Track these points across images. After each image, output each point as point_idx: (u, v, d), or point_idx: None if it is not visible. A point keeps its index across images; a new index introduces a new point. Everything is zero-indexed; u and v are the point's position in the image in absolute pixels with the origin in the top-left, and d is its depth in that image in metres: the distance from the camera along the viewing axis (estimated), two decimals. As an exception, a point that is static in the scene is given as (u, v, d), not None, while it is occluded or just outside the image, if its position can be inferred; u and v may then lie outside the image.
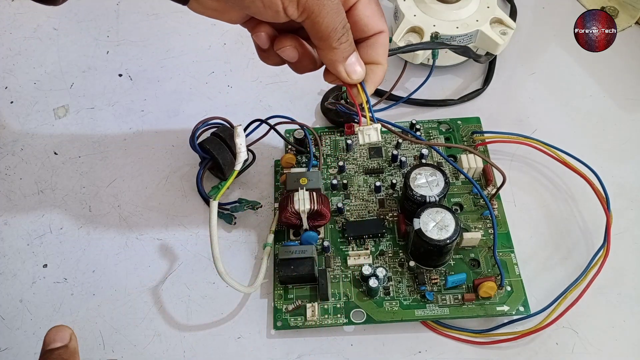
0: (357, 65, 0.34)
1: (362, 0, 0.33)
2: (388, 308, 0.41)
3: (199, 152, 0.47)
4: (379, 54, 0.34)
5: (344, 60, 0.33)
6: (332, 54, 0.32)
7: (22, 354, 0.42)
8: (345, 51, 0.33)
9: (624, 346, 0.41)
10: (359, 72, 0.34)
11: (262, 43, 0.34)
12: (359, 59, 0.34)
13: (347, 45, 0.32)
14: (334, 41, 0.32)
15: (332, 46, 0.32)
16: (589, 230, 0.46)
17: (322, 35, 0.31)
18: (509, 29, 0.51)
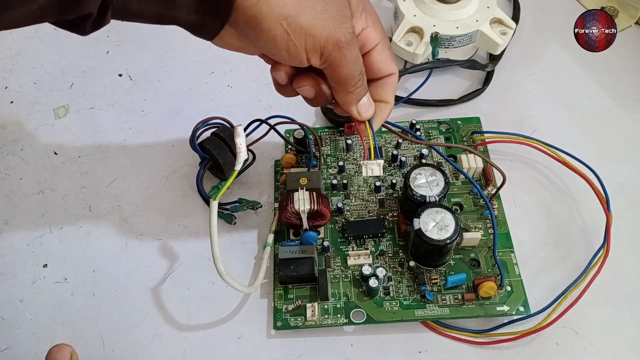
0: (368, 106, 0.36)
1: (377, 47, 0.36)
2: (388, 308, 0.41)
3: (199, 152, 0.47)
4: (387, 93, 0.37)
5: (357, 101, 0.36)
6: (347, 96, 0.35)
7: (22, 354, 0.42)
8: (359, 94, 0.35)
9: (624, 346, 0.41)
10: (369, 112, 0.37)
11: (281, 80, 0.36)
12: (370, 99, 0.36)
13: (362, 90, 0.35)
14: (350, 86, 0.34)
15: (348, 90, 0.35)
16: (589, 230, 0.46)
17: (340, 81, 0.34)
18: (508, 29, 0.51)
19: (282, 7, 0.30)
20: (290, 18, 0.30)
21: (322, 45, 0.31)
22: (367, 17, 0.35)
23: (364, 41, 0.35)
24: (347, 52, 0.32)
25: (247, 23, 0.30)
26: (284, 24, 0.30)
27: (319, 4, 0.31)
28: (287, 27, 0.30)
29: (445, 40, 0.51)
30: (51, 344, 0.42)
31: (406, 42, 0.52)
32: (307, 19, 0.30)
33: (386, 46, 0.36)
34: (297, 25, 0.30)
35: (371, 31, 0.35)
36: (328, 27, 0.31)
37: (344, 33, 0.32)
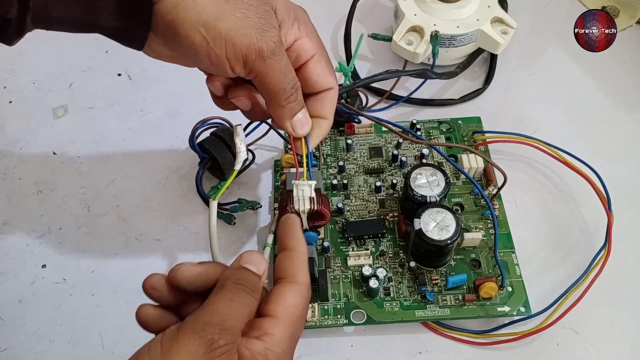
0: (303, 122, 0.35)
1: (313, 59, 0.35)
2: (388, 309, 0.41)
3: (199, 152, 0.47)
4: (325, 108, 0.36)
5: (291, 117, 0.34)
6: (280, 111, 0.34)
7: (22, 354, 0.42)
8: (292, 109, 0.34)
9: (624, 347, 0.41)
10: (305, 129, 0.36)
11: (216, 91, 0.36)
12: (306, 115, 0.35)
13: (295, 104, 0.34)
14: (281, 100, 0.33)
15: (279, 104, 0.33)
16: (590, 230, 0.46)
17: (270, 94, 0.33)
18: (509, 28, 0.51)
19: (199, 13, 0.29)
20: (208, 24, 0.29)
21: (243, 53, 0.30)
22: (301, 27, 0.34)
23: (298, 52, 0.34)
24: (272, 63, 0.31)
25: (167, 29, 0.30)
26: (202, 30, 0.29)
27: (239, 10, 0.30)
28: (205, 34, 0.29)
29: (446, 39, 0.51)
30: (51, 344, 0.42)
31: (407, 42, 0.52)
32: (227, 25, 0.29)
33: (323, 58, 0.35)
34: (215, 31, 0.29)
35: (305, 42, 0.34)
36: (249, 35, 0.30)
37: (267, 42, 0.30)
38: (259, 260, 0.29)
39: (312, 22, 0.38)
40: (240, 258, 0.29)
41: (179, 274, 0.29)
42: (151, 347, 0.27)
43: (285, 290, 0.29)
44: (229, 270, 0.29)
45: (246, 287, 0.28)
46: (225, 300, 0.27)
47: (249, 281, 0.28)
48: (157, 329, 0.30)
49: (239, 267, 0.28)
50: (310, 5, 0.61)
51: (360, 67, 0.56)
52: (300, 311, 0.29)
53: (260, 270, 0.29)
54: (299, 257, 0.30)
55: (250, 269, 0.28)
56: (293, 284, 0.29)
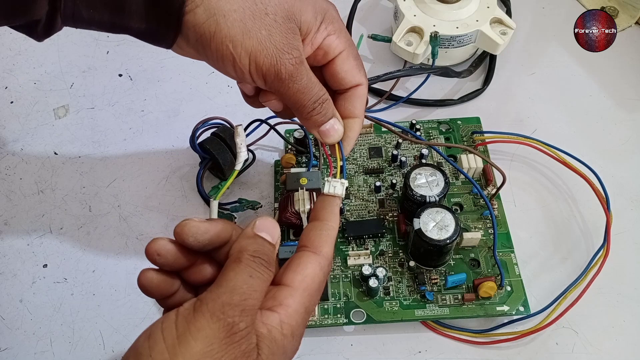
0: (331, 132, 0.35)
1: (342, 55, 0.34)
2: (388, 308, 0.41)
3: (199, 152, 0.47)
4: (355, 107, 0.36)
5: (317, 127, 0.34)
6: (304, 122, 0.34)
7: (22, 354, 0.42)
8: (317, 121, 0.34)
9: (624, 346, 0.41)
10: (334, 137, 0.35)
11: (247, 91, 0.36)
12: (335, 124, 0.35)
13: (320, 117, 0.34)
14: (303, 114, 0.33)
15: (302, 117, 0.34)
16: (589, 230, 0.46)
17: (292, 108, 0.34)
18: (509, 29, 0.51)
19: (229, 29, 0.30)
20: (236, 40, 0.30)
21: (264, 73, 0.31)
22: (329, 25, 0.34)
23: (326, 49, 0.34)
24: (290, 84, 0.32)
25: (198, 40, 0.31)
26: (230, 45, 0.30)
27: (265, 27, 0.31)
28: (232, 50, 0.31)
29: (445, 40, 0.51)
30: (51, 344, 0.42)
31: (406, 42, 0.52)
32: (252, 44, 0.30)
33: (352, 55, 0.35)
34: (242, 49, 0.30)
35: (333, 39, 0.34)
36: (270, 56, 0.31)
37: (286, 65, 0.31)
38: (273, 228, 0.28)
39: None
40: (254, 224, 0.28)
41: (187, 229, 0.28)
42: (165, 329, 0.25)
43: (307, 260, 0.28)
44: (244, 239, 0.27)
45: (264, 260, 0.27)
46: (244, 277, 0.26)
47: (266, 253, 0.27)
48: (160, 294, 0.29)
49: (254, 235, 0.27)
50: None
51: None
52: (318, 284, 0.28)
53: (274, 239, 0.28)
54: (329, 230, 0.30)
55: (266, 238, 0.28)
56: (315, 254, 0.29)
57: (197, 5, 0.30)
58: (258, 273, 0.26)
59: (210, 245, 0.28)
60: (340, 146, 0.35)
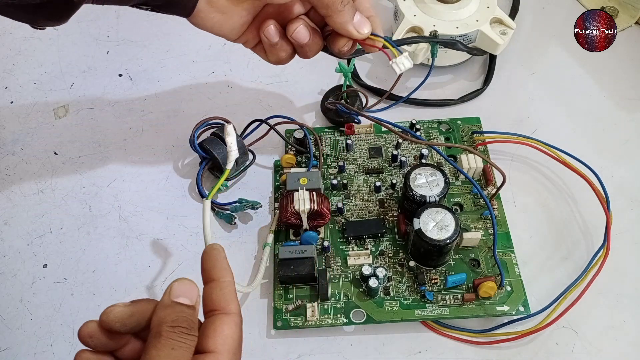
0: (363, 21, 0.37)
1: None
2: (388, 308, 0.41)
3: (199, 152, 0.47)
4: (366, 8, 0.39)
5: (351, 19, 0.37)
6: (340, 17, 0.36)
7: (22, 354, 0.42)
8: (350, 12, 0.36)
9: (623, 346, 0.41)
10: (367, 26, 0.38)
11: (271, 36, 0.37)
12: (362, 17, 0.37)
13: (350, 7, 0.36)
14: (338, 5, 0.35)
15: (338, 10, 0.36)
16: (589, 230, 0.46)
17: (327, 3, 0.35)
18: (509, 29, 0.51)
19: None
20: None
21: None
22: None
23: None
24: None
25: None
26: None
27: None
28: None
29: (445, 40, 0.51)
30: (51, 344, 0.42)
31: (406, 42, 0.52)
32: None
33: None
34: None
35: None
36: None
37: None
38: (190, 289, 0.28)
39: None
40: (170, 291, 0.28)
41: (112, 317, 0.28)
42: None
43: (221, 322, 0.28)
44: (161, 309, 0.27)
45: (184, 327, 0.27)
46: (167, 351, 0.26)
47: (186, 319, 0.27)
48: None
49: (171, 303, 0.28)
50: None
51: (361, 67, 0.56)
52: (237, 340, 0.29)
53: (193, 300, 0.28)
54: (227, 287, 0.30)
55: (184, 302, 0.28)
56: (227, 315, 0.29)
57: None
58: (180, 343, 0.26)
59: (138, 327, 0.28)
60: (375, 34, 0.38)
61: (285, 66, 0.41)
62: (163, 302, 0.28)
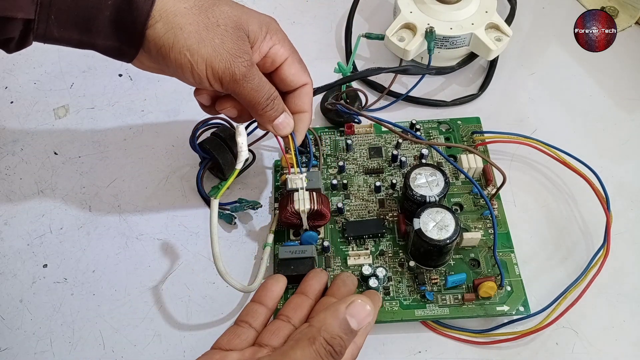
0: (284, 124, 0.40)
1: (287, 61, 0.39)
2: (388, 308, 0.41)
3: (199, 152, 0.47)
4: (304, 102, 0.41)
5: (270, 122, 0.39)
6: (259, 118, 0.39)
7: (22, 354, 0.42)
8: (271, 116, 0.39)
9: (624, 346, 0.41)
10: (286, 130, 0.40)
11: (204, 101, 0.41)
12: (286, 118, 0.40)
13: (272, 112, 0.39)
14: (258, 110, 0.38)
15: (258, 113, 0.38)
16: (589, 230, 0.46)
17: (248, 107, 0.38)
18: (504, 36, 0.51)
19: (185, 39, 0.34)
20: (193, 49, 0.34)
21: (220, 76, 0.35)
22: (273, 36, 0.38)
23: (273, 57, 0.39)
24: (244, 84, 0.36)
25: (158, 52, 0.34)
26: (187, 54, 0.34)
27: (217, 37, 0.35)
28: (190, 58, 0.34)
29: (438, 40, 0.51)
30: (51, 344, 0.42)
31: (399, 38, 0.51)
32: (208, 50, 0.34)
33: (296, 60, 0.40)
34: (198, 56, 0.34)
35: (278, 48, 0.38)
36: (225, 60, 0.35)
37: (239, 67, 0.35)
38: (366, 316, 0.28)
39: (313, 21, 0.41)
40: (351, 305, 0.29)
41: None
42: None
43: None
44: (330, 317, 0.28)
45: (335, 352, 0.27)
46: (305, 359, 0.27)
47: (341, 345, 0.28)
48: None
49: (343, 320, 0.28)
50: (312, 3, 0.61)
51: (360, 67, 0.56)
52: None
53: (361, 327, 0.28)
54: None
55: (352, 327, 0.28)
56: None
57: (157, 20, 0.33)
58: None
59: None
60: (292, 137, 0.41)
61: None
62: (337, 310, 0.28)
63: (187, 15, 0.34)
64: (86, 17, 0.33)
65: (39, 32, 0.33)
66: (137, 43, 0.34)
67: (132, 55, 0.35)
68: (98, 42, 0.34)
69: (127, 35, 0.34)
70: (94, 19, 0.33)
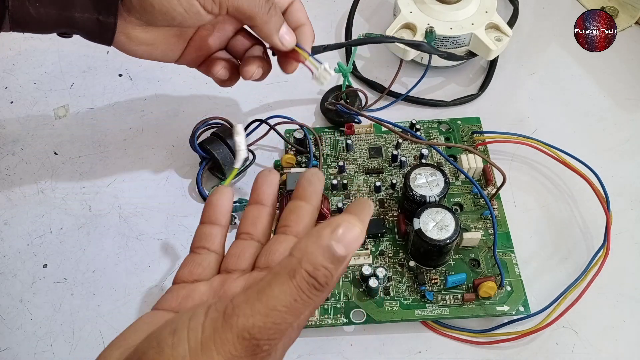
0: (289, 33, 0.39)
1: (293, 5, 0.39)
2: (388, 308, 0.41)
3: (199, 152, 0.47)
4: (300, 17, 0.40)
5: (277, 31, 0.38)
6: (266, 28, 0.37)
7: (22, 354, 0.42)
8: (276, 23, 0.38)
9: (624, 346, 0.41)
10: (292, 38, 0.39)
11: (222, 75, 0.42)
12: (288, 29, 0.39)
13: (276, 18, 0.37)
14: (263, 15, 0.36)
15: (264, 20, 0.37)
16: (589, 230, 0.46)
17: (251, 15, 0.36)
18: (504, 36, 0.51)
19: None
20: None
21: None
22: None
23: None
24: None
25: (140, 3, 0.34)
26: None
27: None
28: None
29: (438, 40, 0.51)
30: (51, 344, 0.42)
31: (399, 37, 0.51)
32: None
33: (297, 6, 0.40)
34: None
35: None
36: None
37: None
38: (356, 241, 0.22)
39: (313, 21, 0.41)
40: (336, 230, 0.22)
41: None
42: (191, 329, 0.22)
43: None
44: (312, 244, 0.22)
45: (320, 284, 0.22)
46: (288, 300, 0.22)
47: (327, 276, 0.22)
48: None
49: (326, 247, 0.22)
50: (312, 3, 0.61)
51: (360, 67, 0.56)
52: None
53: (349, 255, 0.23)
54: None
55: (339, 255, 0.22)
56: None
57: None
58: (305, 299, 0.22)
59: None
60: (300, 47, 0.40)
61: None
62: (321, 236, 0.22)
63: None
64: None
65: (14, 14, 0.32)
66: (114, 8, 0.33)
67: (113, 27, 0.34)
68: (76, 16, 0.33)
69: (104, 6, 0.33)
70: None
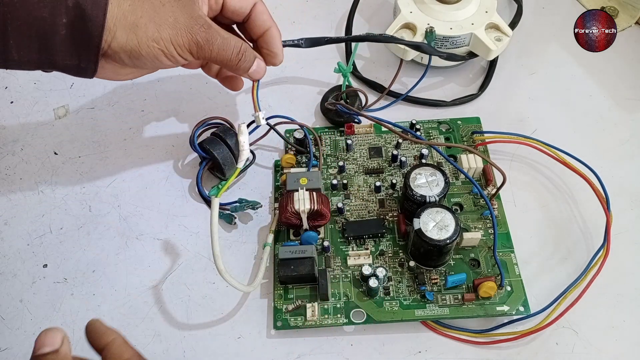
0: (258, 70, 0.43)
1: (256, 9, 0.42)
2: (388, 308, 0.41)
3: (199, 152, 0.47)
4: (265, 20, 0.43)
5: (245, 72, 0.42)
6: (235, 72, 0.43)
7: (22, 354, 0.42)
8: (245, 67, 0.42)
9: (624, 346, 0.41)
10: (260, 74, 0.43)
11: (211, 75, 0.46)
12: (259, 64, 0.43)
13: (245, 64, 0.41)
14: (233, 64, 0.41)
15: (233, 68, 0.41)
16: (589, 230, 0.46)
17: (222, 65, 0.42)
18: (504, 36, 0.51)
19: (145, 32, 0.36)
20: (156, 38, 0.37)
21: (188, 49, 0.38)
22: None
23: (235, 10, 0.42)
24: (210, 47, 0.39)
25: (130, 56, 0.37)
26: (154, 44, 0.37)
27: (169, 15, 0.37)
28: (158, 45, 0.37)
29: (438, 40, 0.51)
30: (51, 344, 0.42)
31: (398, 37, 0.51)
32: (168, 32, 0.37)
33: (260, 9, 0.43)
34: (163, 41, 0.37)
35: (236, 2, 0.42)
36: (185, 34, 0.37)
37: (199, 34, 0.38)
38: (52, 336, 0.29)
39: (313, 21, 0.42)
40: (34, 345, 0.29)
41: None
42: None
43: None
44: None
45: None
46: None
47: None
48: None
49: (33, 358, 0.29)
50: (311, 3, 0.61)
51: (360, 68, 0.56)
52: None
53: (56, 344, 0.29)
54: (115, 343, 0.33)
55: (47, 351, 0.29)
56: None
57: (115, 30, 0.35)
58: None
59: None
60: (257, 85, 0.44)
61: (285, 66, 0.41)
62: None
63: (135, 10, 0.36)
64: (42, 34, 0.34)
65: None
66: (95, 58, 0.36)
67: (92, 71, 0.37)
68: (58, 60, 0.35)
69: (85, 50, 0.35)
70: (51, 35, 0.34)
